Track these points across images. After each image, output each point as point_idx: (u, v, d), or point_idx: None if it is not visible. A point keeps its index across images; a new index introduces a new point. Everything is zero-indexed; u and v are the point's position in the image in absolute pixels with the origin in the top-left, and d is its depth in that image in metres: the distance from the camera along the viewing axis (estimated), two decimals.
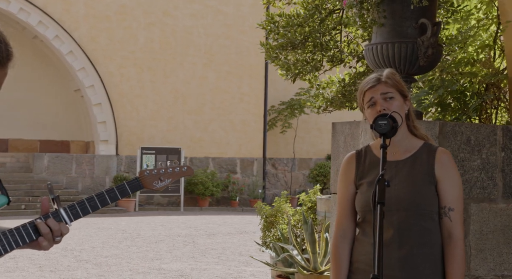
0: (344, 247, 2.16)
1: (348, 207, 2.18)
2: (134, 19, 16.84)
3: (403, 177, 2.10)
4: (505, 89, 4.70)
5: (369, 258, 2.06)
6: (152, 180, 1.82)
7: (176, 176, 1.84)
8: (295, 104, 18.02)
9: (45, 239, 1.69)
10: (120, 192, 1.77)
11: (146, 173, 1.82)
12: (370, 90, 2.13)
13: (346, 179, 2.20)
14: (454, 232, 2.10)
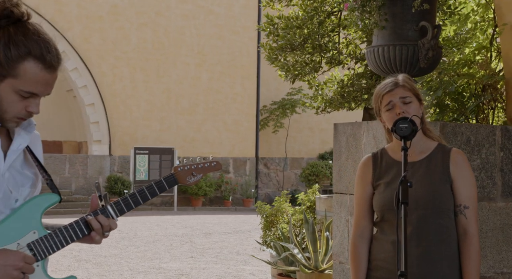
0: (362, 246, 2.26)
1: (365, 207, 2.27)
2: (127, 19, 16.85)
3: (420, 177, 2.19)
4: (502, 90, 4.79)
5: (388, 256, 2.16)
6: (186, 175, 1.90)
7: (207, 171, 1.92)
8: (287, 104, 18.12)
9: (97, 234, 1.79)
10: (158, 188, 1.85)
11: (179, 168, 1.90)
12: (389, 94, 2.22)
13: (363, 181, 2.29)
14: (469, 229, 2.19)
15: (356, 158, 4.03)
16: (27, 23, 1.72)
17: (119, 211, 1.83)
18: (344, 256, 4.11)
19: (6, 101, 1.69)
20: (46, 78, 1.70)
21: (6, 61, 1.66)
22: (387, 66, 4.14)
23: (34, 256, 1.73)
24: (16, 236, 1.72)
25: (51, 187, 1.79)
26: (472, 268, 2.17)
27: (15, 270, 1.66)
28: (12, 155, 1.75)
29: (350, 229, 4.07)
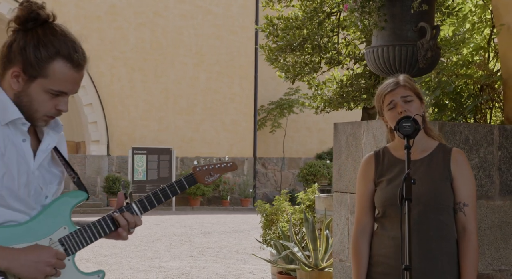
0: (364, 241, 2.32)
1: (367, 204, 2.34)
2: (125, 19, 16.88)
3: (422, 174, 2.25)
4: (499, 90, 4.85)
5: (389, 251, 2.22)
6: (204, 175, 1.97)
7: (223, 171, 2.00)
8: (285, 104, 18.17)
9: (124, 230, 1.87)
10: (179, 187, 1.93)
11: (198, 168, 1.98)
12: (390, 94, 2.28)
13: (365, 178, 2.35)
14: (468, 226, 2.26)
15: (356, 157, 4.08)
16: (53, 24, 1.78)
17: (143, 208, 1.91)
18: (344, 254, 4.16)
19: (37, 101, 1.76)
20: (74, 77, 1.77)
21: (36, 62, 1.73)
22: (387, 66, 4.19)
23: (65, 250, 1.80)
24: (48, 231, 1.79)
25: (78, 185, 1.87)
26: (470, 264, 2.24)
27: (48, 266, 1.73)
28: (42, 154, 1.82)
29: (350, 227, 4.12)
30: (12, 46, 1.75)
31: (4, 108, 1.76)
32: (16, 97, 1.77)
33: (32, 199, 1.79)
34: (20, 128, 1.78)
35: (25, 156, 1.78)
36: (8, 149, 1.75)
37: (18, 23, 1.77)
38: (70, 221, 1.83)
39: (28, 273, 1.71)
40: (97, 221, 1.87)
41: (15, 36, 1.77)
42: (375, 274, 2.31)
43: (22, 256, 1.70)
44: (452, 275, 2.25)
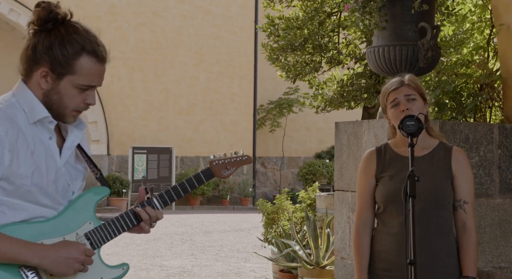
0: (365, 235, 2.38)
1: (368, 199, 2.40)
2: (125, 20, 16.92)
3: (423, 172, 2.30)
4: (499, 89, 4.89)
5: (390, 248, 2.28)
6: (221, 169, 2.03)
7: (239, 164, 2.06)
8: (284, 104, 18.22)
9: (146, 224, 1.93)
10: (197, 181, 1.99)
11: (214, 163, 2.03)
12: (394, 92, 2.33)
13: (367, 173, 2.41)
14: (468, 223, 2.34)
15: (357, 156, 4.12)
16: (73, 22, 1.84)
17: (163, 203, 1.96)
18: (345, 252, 4.21)
19: (66, 97, 1.82)
20: (99, 70, 1.84)
21: (64, 60, 1.79)
22: (387, 66, 4.23)
23: (91, 244, 1.85)
24: (74, 226, 1.85)
25: (101, 181, 1.92)
26: (471, 259, 2.31)
27: (77, 263, 1.78)
28: (67, 151, 1.88)
29: (351, 225, 4.16)
30: (37, 48, 1.81)
31: (32, 108, 1.82)
32: (45, 96, 1.83)
33: (60, 195, 1.85)
34: (47, 126, 1.84)
35: (52, 153, 1.84)
36: (37, 146, 1.80)
37: (38, 25, 1.81)
38: (95, 216, 1.90)
39: (58, 269, 1.76)
40: (120, 216, 1.93)
41: (37, 38, 1.82)
42: (376, 270, 2.36)
43: (53, 252, 1.76)
44: (452, 268, 2.33)
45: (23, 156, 1.78)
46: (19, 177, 1.76)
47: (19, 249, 1.73)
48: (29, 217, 1.80)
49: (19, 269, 1.77)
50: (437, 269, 2.28)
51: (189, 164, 17.36)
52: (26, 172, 1.77)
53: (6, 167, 1.75)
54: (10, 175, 1.75)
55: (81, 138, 1.94)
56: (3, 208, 1.77)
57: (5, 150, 1.75)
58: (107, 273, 1.87)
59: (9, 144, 1.75)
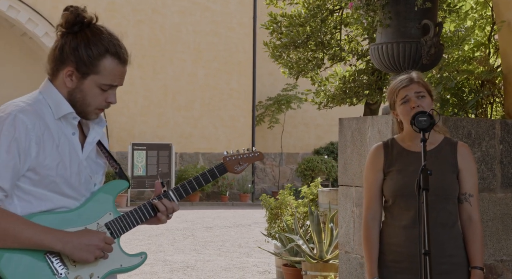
0: (375, 227, 2.45)
1: (376, 192, 2.46)
2: (123, 16, 16.94)
3: (430, 166, 2.37)
4: (500, 85, 4.95)
5: (400, 240, 2.36)
6: (234, 164, 2.13)
7: (251, 160, 2.15)
8: (282, 100, 18.27)
9: (163, 214, 2.02)
10: (211, 176, 2.09)
11: (228, 158, 2.13)
12: (405, 89, 2.40)
13: (374, 167, 2.47)
14: (473, 215, 2.43)
15: (362, 152, 4.18)
16: (98, 25, 1.94)
17: (179, 196, 2.06)
18: (350, 246, 4.27)
19: (89, 95, 1.92)
20: (121, 71, 1.96)
21: (88, 60, 1.89)
22: (391, 62, 4.29)
23: (111, 234, 1.95)
24: (95, 216, 1.95)
25: (120, 174, 2.02)
26: (478, 250, 2.40)
27: (97, 249, 1.88)
28: (89, 146, 1.99)
29: (356, 220, 4.21)
30: (64, 49, 1.91)
31: (58, 105, 1.93)
32: (69, 94, 1.93)
33: (83, 187, 1.95)
34: (71, 122, 1.95)
35: (75, 147, 1.95)
36: (61, 141, 1.91)
37: (66, 27, 1.92)
38: (114, 207, 1.99)
39: (80, 254, 1.86)
40: (138, 207, 2.02)
41: (64, 39, 1.92)
42: (386, 262, 2.43)
43: (75, 239, 1.86)
44: (459, 258, 2.41)
45: (49, 149, 1.88)
46: (45, 168, 1.87)
47: (44, 235, 1.83)
48: (54, 207, 1.90)
49: (44, 255, 1.87)
50: (445, 259, 2.36)
51: (188, 160, 17.41)
52: (51, 164, 1.87)
53: (33, 158, 1.85)
54: (36, 166, 1.86)
55: (101, 135, 2.05)
56: (30, 197, 1.88)
57: (32, 142, 1.85)
58: (126, 261, 1.96)
59: (36, 137, 1.86)
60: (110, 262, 1.93)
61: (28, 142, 1.85)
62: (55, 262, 1.87)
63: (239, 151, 2.16)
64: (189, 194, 2.07)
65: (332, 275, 5.17)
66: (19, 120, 1.85)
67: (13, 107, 1.89)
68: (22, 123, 1.85)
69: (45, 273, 1.86)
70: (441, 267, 2.33)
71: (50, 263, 1.87)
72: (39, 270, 1.85)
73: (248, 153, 2.16)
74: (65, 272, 1.87)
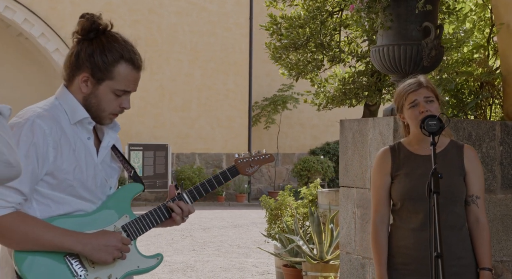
0: (383, 230, 2.48)
1: (384, 196, 2.49)
2: (120, 16, 16.93)
3: (438, 169, 2.39)
4: (499, 87, 4.99)
5: (409, 242, 2.38)
6: (245, 167, 2.16)
7: (262, 163, 2.18)
8: (278, 100, 18.31)
9: (177, 215, 2.06)
10: (223, 178, 2.13)
11: (239, 161, 2.17)
12: (414, 93, 2.42)
13: (382, 171, 2.50)
14: (480, 217, 2.46)
15: (363, 153, 4.20)
16: (113, 32, 1.99)
17: (193, 198, 2.09)
18: (351, 247, 4.30)
19: (104, 101, 1.95)
20: (135, 77, 1.99)
21: (104, 66, 1.93)
22: (392, 65, 4.31)
23: (128, 236, 1.98)
24: (112, 219, 1.99)
25: (135, 178, 2.04)
26: (486, 252, 2.44)
27: (115, 250, 1.92)
28: (104, 150, 2.02)
29: (357, 220, 4.24)
30: (80, 55, 1.95)
31: (74, 110, 1.96)
32: (85, 99, 1.97)
33: (99, 190, 1.98)
34: (86, 127, 1.98)
35: (90, 151, 1.98)
36: (77, 145, 1.95)
37: (82, 34, 1.96)
38: (130, 210, 2.03)
39: (99, 255, 1.90)
40: (153, 210, 2.06)
41: (80, 46, 1.96)
42: (395, 265, 2.46)
43: (94, 240, 1.89)
44: (467, 260, 2.45)
45: (66, 153, 1.92)
46: (63, 172, 1.90)
47: (63, 237, 1.87)
48: (72, 210, 1.94)
49: (64, 257, 1.90)
50: (454, 262, 2.39)
51: (184, 161, 17.42)
52: (68, 168, 1.91)
53: (51, 162, 1.89)
54: (54, 170, 1.90)
55: (115, 139, 2.08)
56: (48, 201, 1.91)
57: (49, 147, 1.89)
58: (143, 262, 2.01)
59: (53, 142, 1.90)
60: (128, 263, 1.97)
61: (46, 146, 1.88)
62: (75, 264, 1.91)
63: (250, 153, 2.19)
64: (202, 196, 2.11)
65: (332, 276, 5.20)
66: (37, 125, 1.88)
67: (31, 113, 1.93)
68: (40, 129, 1.88)
69: (65, 275, 1.89)
70: (450, 269, 2.36)
71: (69, 265, 1.90)
72: (59, 272, 1.88)
73: (259, 155, 2.19)
74: (84, 274, 1.91)
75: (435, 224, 1.98)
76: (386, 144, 4.00)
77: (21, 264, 1.84)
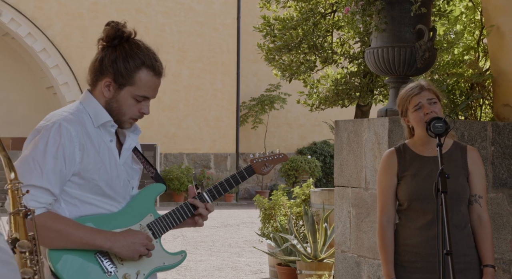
0: (390, 230, 2.55)
1: (391, 196, 2.56)
2: (107, 16, 16.87)
3: (444, 170, 2.47)
4: (489, 88, 5.09)
5: (416, 241, 2.47)
6: (260, 166, 2.24)
7: (276, 162, 2.27)
8: (266, 100, 18.37)
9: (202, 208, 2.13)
10: (240, 177, 2.21)
11: (255, 161, 2.25)
12: (417, 96, 2.50)
13: (389, 172, 2.57)
14: (483, 216, 2.54)
15: (358, 153, 4.27)
16: (136, 40, 2.06)
17: (212, 197, 2.17)
18: (346, 245, 4.36)
19: (125, 105, 2.03)
20: (156, 83, 2.07)
21: (126, 72, 2.00)
22: (386, 66, 4.39)
23: (153, 234, 2.06)
24: (137, 218, 2.07)
25: (156, 178, 2.10)
26: (489, 249, 2.55)
27: (142, 246, 2.00)
28: (126, 152, 2.11)
29: (352, 220, 4.31)
30: (103, 61, 2.03)
31: (97, 113, 2.03)
32: (106, 103, 2.04)
33: (122, 190, 2.06)
34: (108, 130, 2.05)
35: (113, 153, 2.06)
36: (101, 147, 2.02)
37: (106, 41, 2.04)
38: (154, 209, 2.10)
39: (127, 252, 1.98)
40: (176, 209, 2.13)
41: (104, 52, 2.04)
42: (402, 262, 2.53)
43: (122, 238, 1.98)
44: (471, 257, 2.54)
45: (91, 154, 1.99)
46: (89, 172, 1.98)
47: (93, 235, 1.95)
48: (98, 210, 2.01)
49: (95, 255, 1.98)
50: (459, 259, 2.46)
51: (172, 161, 17.42)
52: (94, 168, 1.99)
53: (77, 163, 1.96)
54: (81, 171, 1.97)
55: (136, 142, 2.17)
56: (76, 201, 1.99)
57: (76, 148, 1.97)
58: (168, 259, 2.08)
59: (79, 143, 1.98)
60: (154, 260, 2.04)
61: (72, 148, 1.95)
62: (105, 261, 1.98)
63: (265, 153, 2.27)
64: (221, 195, 2.19)
65: (326, 274, 5.27)
66: (64, 128, 1.96)
67: (58, 116, 2.00)
68: (67, 131, 1.96)
69: (97, 271, 1.97)
70: (456, 266, 2.44)
71: (100, 262, 1.98)
72: (91, 269, 1.96)
73: (273, 155, 2.27)
74: (114, 270, 1.99)
75: (443, 222, 2.05)
76: (381, 144, 4.08)
77: (55, 262, 1.92)
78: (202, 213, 2.14)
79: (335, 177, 4.50)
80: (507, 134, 4.31)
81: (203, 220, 2.16)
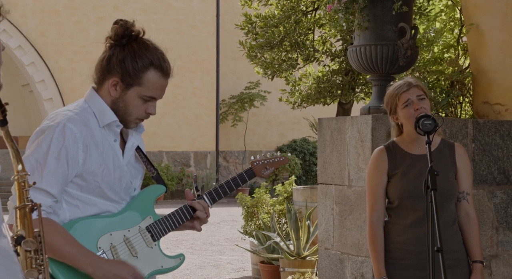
0: (380, 228, 2.56)
1: (381, 194, 2.58)
2: (84, 13, 16.73)
3: (433, 167, 2.49)
4: (469, 85, 5.15)
5: (406, 238, 2.49)
6: (261, 169, 2.25)
7: (276, 165, 2.28)
8: (245, 98, 18.37)
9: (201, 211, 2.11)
10: (241, 180, 2.20)
11: (255, 163, 2.26)
12: (406, 93, 2.51)
13: (379, 170, 2.58)
14: (470, 212, 2.58)
15: (341, 151, 4.29)
16: (144, 39, 2.02)
17: (212, 200, 2.17)
18: (329, 243, 4.39)
19: (131, 105, 2.00)
20: (163, 84, 2.04)
21: (133, 72, 1.96)
22: (369, 64, 4.42)
23: (152, 237, 2.04)
24: (137, 220, 2.04)
25: (157, 179, 2.08)
26: (477, 245, 2.57)
27: None
28: (129, 151, 2.08)
29: (335, 217, 4.33)
30: (111, 59, 1.98)
31: (102, 113, 2.00)
32: (113, 103, 2.01)
33: (123, 191, 2.04)
34: (113, 129, 2.02)
35: (116, 153, 2.03)
36: (105, 147, 2.00)
37: (114, 40, 1.99)
38: (154, 211, 2.08)
39: None
40: (175, 211, 2.12)
41: (112, 51, 2.00)
42: (392, 259, 2.55)
43: (106, 266, 1.93)
44: (460, 253, 2.57)
45: (95, 156, 1.97)
46: (91, 174, 1.95)
47: (79, 256, 1.91)
48: (99, 211, 1.99)
49: None
50: (448, 255, 2.49)
51: (152, 159, 17.32)
52: (97, 170, 1.96)
53: (80, 165, 1.94)
54: (83, 172, 1.95)
55: (139, 140, 2.15)
56: (77, 202, 1.97)
57: (79, 150, 1.94)
58: (166, 262, 2.08)
59: (83, 145, 1.96)
60: (152, 263, 2.03)
61: (76, 149, 1.93)
62: None
63: (265, 156, 2.27)
64: (221, 198, 2.18)
65: (309, 271, 5.30)
66: (68, 129, 1.93)
67: (62, 116, 1.96)
68: (71, 132, 1.93)
69: None
70: (445, 263, 2.47)
71: None
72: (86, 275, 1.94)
73: (274, 158, 2.27)
74: None
75: (433, 219, 2.07)
76: (364, 141, 4.10)
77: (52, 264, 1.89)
78: (200, 216, 2.12)
79: (319, 175, 4.52)
80: (487, 131, 4.37)
81: (201, 223, 2.14)
